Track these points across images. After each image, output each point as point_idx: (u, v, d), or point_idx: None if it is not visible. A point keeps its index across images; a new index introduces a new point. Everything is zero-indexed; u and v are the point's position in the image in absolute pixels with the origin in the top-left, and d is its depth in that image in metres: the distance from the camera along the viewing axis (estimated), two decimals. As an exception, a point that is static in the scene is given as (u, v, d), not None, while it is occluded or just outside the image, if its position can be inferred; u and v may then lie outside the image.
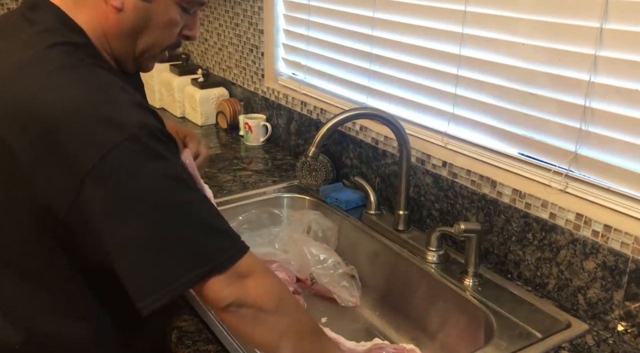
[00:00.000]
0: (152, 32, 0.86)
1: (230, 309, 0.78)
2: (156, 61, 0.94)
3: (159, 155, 0.74)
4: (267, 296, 0.81)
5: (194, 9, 0.90)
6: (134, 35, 0.86)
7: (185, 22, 0.90)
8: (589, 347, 0.99)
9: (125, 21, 0.83)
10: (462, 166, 1.24)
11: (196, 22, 0.93)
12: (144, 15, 0.84)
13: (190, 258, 0.75)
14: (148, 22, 0.85)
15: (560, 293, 1.09)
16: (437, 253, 1.22)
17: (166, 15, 0.86)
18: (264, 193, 1.55)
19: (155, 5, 0.84)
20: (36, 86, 0.75)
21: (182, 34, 0.91)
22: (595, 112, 1.02)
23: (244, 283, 0.78)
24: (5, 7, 2.56)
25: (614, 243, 0.99)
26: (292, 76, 1.85)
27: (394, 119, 1.23)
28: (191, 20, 0.91)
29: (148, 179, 0.73)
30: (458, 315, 1.14)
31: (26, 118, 0.74)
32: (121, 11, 0.82)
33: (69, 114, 0.72)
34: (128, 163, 0.72)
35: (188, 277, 0.74)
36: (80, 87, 0.75)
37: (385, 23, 1.42)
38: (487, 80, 1.20)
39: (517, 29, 1.12)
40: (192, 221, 0.76)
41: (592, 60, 1.00)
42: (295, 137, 1.80)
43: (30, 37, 0.80)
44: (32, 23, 0.81)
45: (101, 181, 0.71)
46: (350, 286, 1.33)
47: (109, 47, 0.86)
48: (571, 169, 1.08)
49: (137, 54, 0.88)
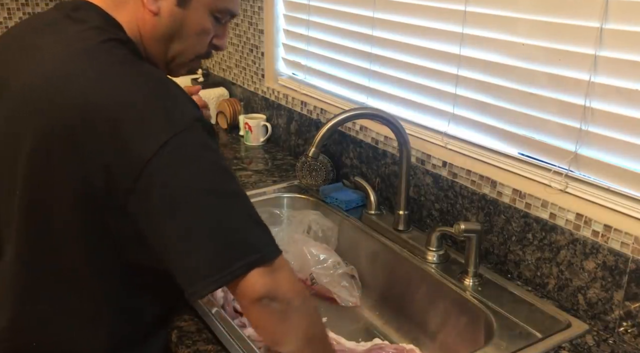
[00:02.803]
0: (184, 39, 0.90)
1: (263, 302, 0.78)
2: (187, 69, 0.97)
3: (211, 147, 0.78)
4: (295, 291, 0.82)
5: (225, 20, 0.94)
6: (168, 40, 0.89)
7: (215, 32, 0.93)
8: (589, 347, 0.99)
9: (161, 25, 0.87)
10: (462, 166, 1.24)
11: (226, 32, 0.96)
12: (178, 21, 0.88)
13: (241, 246, 0.77)
14: (182, 28, 0.89)
15: (560, 293, 1.09)
16: (437, 253, 1.23)
17: (199, 23, 0.90)
18: (264, 193, 1.55)
19: (190, 12, 0.88)
20: (93, 79, 0.77)
21: (212, 43, 0.94)
22: (595, 112, 1.02)
23: (278, 276, 0.79)
24: (5, 7, 2.56)
25: (614, 243, 0.99)
26: (292, 76, 1.85)
27: (394, 119, 1.23)
28: (221, 31, 0.95)
29: (203, 168, 0.77)
30: (458, 315, 1.14)
31: (85, 109, 0.76)
32: (157, 15, 0.86)
33: (129, 104, 0.75)
34: (185, 152, 0.75)
35: (238, 265, 0.76)
36: (138, 79, 0.78)
37: (385, 23, 1.42)
38: (487, 80, 1.20)
39: (517, 29, 1.12)
40: (242, 211, 0.79)
41: (592, 60, 1.00)
42: (295, 137, 1.80)
43: (79, 34, 0.83)
44: (77, 21, 0.84)
45: (159, 169, 0.74)
46: (350, 286, 1.33)
47: (143, 49, 0.89)
48: (571, 169, 1.08)
49: (169, 58, 0.92)
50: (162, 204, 0.75)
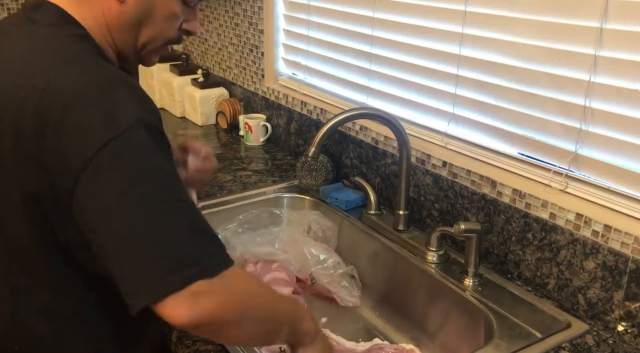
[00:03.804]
0: (153, 25, 0.89)
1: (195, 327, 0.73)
2: (158, 55, 0.96)
3: (152, 150, 0.74)
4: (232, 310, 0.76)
5: (194, 3, 0.92)
6: (136, 27, 0.88)
7: (185, 17, 0.92)
8: (589, 347, 0.99)
9: (128, 13, 0.86)
10: (462, 166, 1.24)
11: (196, 16, 0.95)
12: (145, 7, 0.87)
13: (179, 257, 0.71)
14: (149, 14, 0.88)
15: (560, 293, 1.09)
16: (437, 253, 1.22)
17: (167, 7, 0.88)
18: (264, 193, 1.55)
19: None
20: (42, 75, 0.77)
21: (182, 28, 0.93)
22: (595, 112, 1.02)
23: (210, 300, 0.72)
24: (5, 7, 2.56)
25: (614, 243, 0.99)
26: (292, 76, 1.85)
27: (394, 119, 1.23)
28: (191, 14, 0.93)
29: (142, 173, 0.73)
30: (458, 315, 1.14)
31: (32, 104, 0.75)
32: (123, 3, 0.85)
33: (70, 102, 0.74)
34: (122, 156, 0.72)
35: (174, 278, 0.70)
36: (83, 76, 0.77)
37: (385, 23, 1.42)
38: (487, 80, 1.20)
39: (517, 29, 1.12)
40: (183, 219, 0.73)
41: (592, 60, 1.00)
42: (295, 137, 1.80)
43: (33, 32, 0.82)
44: (34, 21, 0.84)
45: (96, 173, 0.72)
46: (350, 286, 1.33)
47: (112, 39, 0.88)
48: (571, 169, 1.08)
49: (139, 46, 0.91)
50: (99, 211, 0.72)
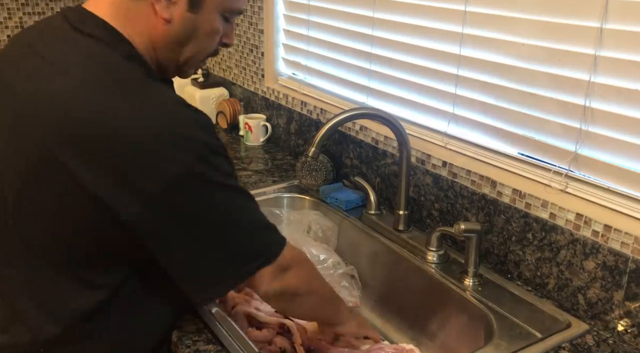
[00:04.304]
0: (197, 41, 0.91)
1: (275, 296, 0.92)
2: (198, 69, 0.99)
3: (221, 172, 0.83)
4: (302, 283, 0.95)
5: (233, 18, 0.95)
6: (181, 44, 0.91)
7: (224, 30, 0.95)
8: (589, 347, 0.99)
9: (173, 32, 0.88)
10: (462, 166, 1.24)
11: (233, 28, 0.98)
12: (190, 25, 0.89)
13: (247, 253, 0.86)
14: (194, 32, 0.90)
15: (560, 293, 1.09)
16: (437, 253, 1.22)
17: (210, 25, 0.91)
18: (264, 193, 1.55)
19: (201, 16, 0.89)
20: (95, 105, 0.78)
21: (221, 41, 0.96)
22: (595, 112, 1.02)
23: (282, 275, 0.90)
24: (5, 7, 2.56)
25: (614, 243, 0.99)
26: (292, 76, 1.85)
27: (394, 119, 1.23)
28: (229, 28, 0.96)
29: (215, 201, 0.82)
30: (458, 315, 1.14)
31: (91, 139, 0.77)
32: (169, 23, 0.87)
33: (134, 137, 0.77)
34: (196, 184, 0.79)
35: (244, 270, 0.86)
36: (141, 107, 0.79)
37: (385, 23, 1.42)
38: (487, 80, 1.20)
39: (517, 29, 1.12)
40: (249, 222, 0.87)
41: (592, 60, 1.00)
42: (295, 137, 1.80)
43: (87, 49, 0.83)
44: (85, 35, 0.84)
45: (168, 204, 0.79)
46: (350, 286, 1.33)
47: (155, 56, 0.90)
48: (571, 169, 1.08)
49: (182, 62, 0.93)
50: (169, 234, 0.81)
